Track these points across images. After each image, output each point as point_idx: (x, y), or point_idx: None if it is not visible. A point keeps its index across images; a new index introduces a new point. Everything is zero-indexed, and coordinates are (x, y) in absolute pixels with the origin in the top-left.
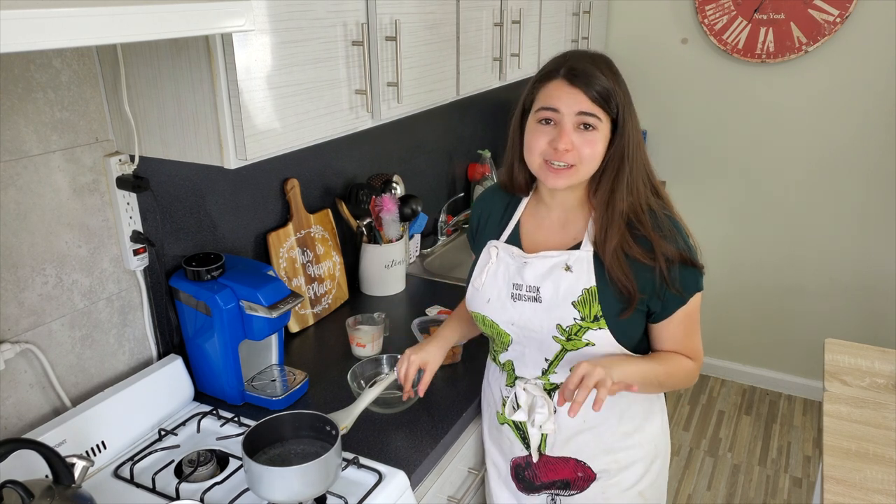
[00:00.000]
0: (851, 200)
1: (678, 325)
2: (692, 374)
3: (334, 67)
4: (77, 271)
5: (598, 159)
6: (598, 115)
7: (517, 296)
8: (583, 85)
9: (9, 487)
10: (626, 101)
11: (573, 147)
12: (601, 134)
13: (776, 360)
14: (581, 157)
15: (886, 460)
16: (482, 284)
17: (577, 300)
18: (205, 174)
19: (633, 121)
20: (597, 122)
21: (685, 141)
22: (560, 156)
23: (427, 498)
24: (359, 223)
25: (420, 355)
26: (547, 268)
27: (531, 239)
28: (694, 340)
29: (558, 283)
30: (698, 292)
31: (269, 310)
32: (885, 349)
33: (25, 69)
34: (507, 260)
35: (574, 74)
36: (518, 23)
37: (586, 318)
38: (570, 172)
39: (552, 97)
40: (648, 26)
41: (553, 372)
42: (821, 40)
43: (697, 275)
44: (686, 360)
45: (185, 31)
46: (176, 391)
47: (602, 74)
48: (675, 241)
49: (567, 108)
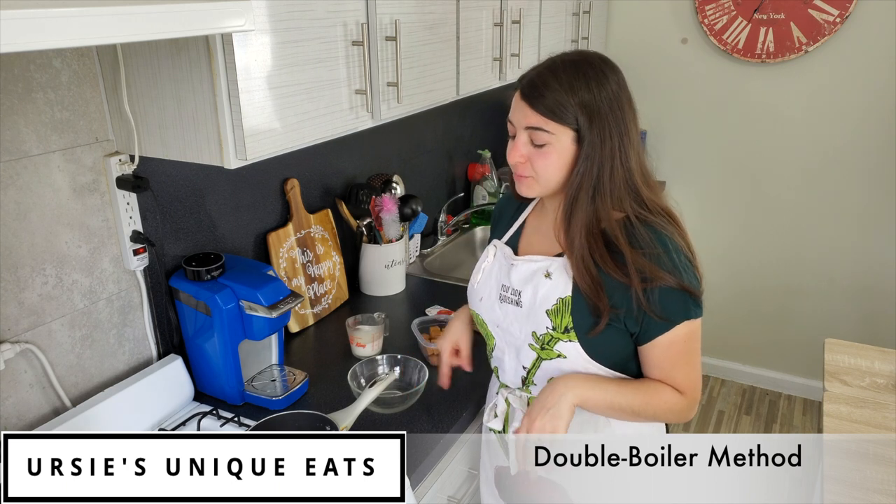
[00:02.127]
0: (851, 200)
1: (663, 353)
2: (679, 409)
3: (334, 67)
4: (77, 271)
5: (558, 171)
6: (549, 129)
7: (504, 297)
8: (530, 99)
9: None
10: (598, 108)
11: (525, 159)
12: (556, 147)
13: (776, 360)
14: (535, 169)
15: (886, 460)
16: (477, 282)
17: (550, 308)
18: (205, 174)
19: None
20: (547, 136)
21: (685, 141)
22: (515, 168)
23: (427, 498)
24: (359, 223)
25: (448, 339)
26: (530, 272)
27: (527, 241)
28: (683, 373)
29: (537, 288)
30: (690, 320)
31: (269, 310)
32: (885, 349)
33: (25, 69)
34: (501, 260)
35: (526, 86)
36: (518, 23)
37: (557, 329)
38: (531, 182)
39: (511, 109)
40: (648, 26)
41: (532, 383)
42: (821, 40)
43: (688, 300)
44: (670, 393)
45: (185, 31)
46: (176, 391)
47: (558, 84)
48: (657, 259)
49: (517, 122)
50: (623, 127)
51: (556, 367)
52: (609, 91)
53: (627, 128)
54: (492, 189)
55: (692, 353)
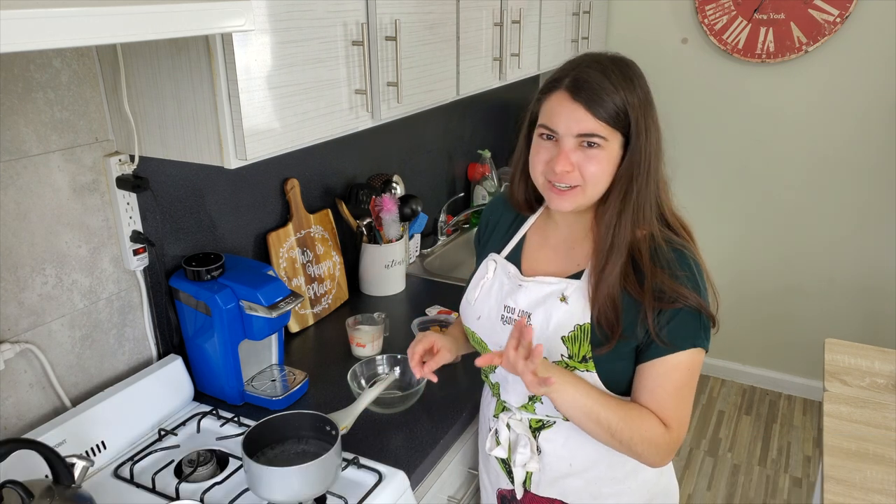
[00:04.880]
0: (851, 200)
1: (661, 377)
2: (659, 443)
3: (334, 67)
4: (77, 271)
5: (607, 178)
6: (604, 134)
7: (507, 319)
8: (585, 101)
9: (9, 487)
10: (643, 112)
11: (574, 168)
12: (608, 152)
13: (776, 360)
14: (585, 177)
15: (886, 460)
16: (475, 299)
17: (567, 335)
18: (205, 174)
19: (649, 135)
20: (602, 141)
21: (684, 141)
22: (560, 177)
23: (427, 498)
24: (359, 223)
25: (428, 338)
26: (542, 295)
27: (532, 258)
28: (674, 404)
29: (550, 313)
30: (695, 349)
31: (269, 310)
32: (885, 349)
33: (25, 69)
34: (503, 279)
35: (577, 87)
36: (518, 23)
37: (574, 357)
38: (575, 193)
39: (553, 113)
40: (648, 26)
41: (539, 400)
42: (821, 40)
43: (698, 327)
44: (654, 423)
45: (185, 31)
46: (176, 391)
47: (612, 85)
48: (682, 280)
49: (566, 126)
50: (658, 133)
51: None
52: (649, 94)
53: (660, 136)
54: (492, 189)
55: (689, 386)
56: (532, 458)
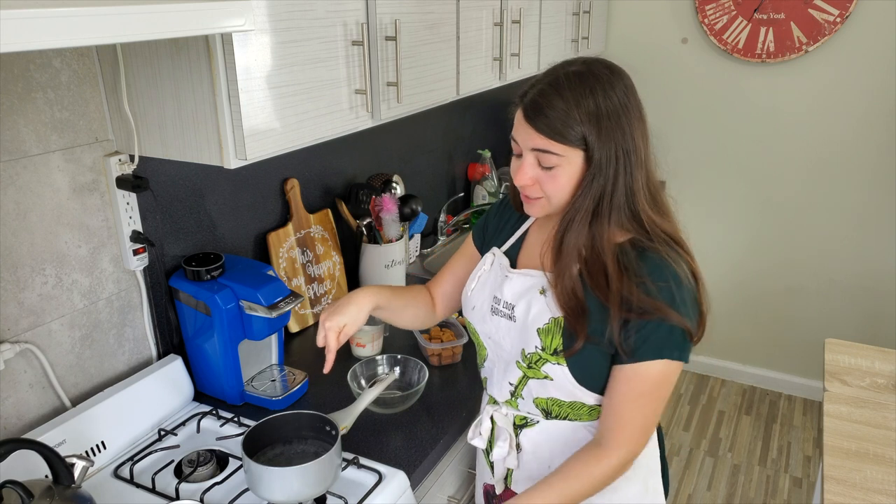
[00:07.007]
0: (851, 200)
1: (621, 383)
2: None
3: (334, 67)
4: (77, 271)
5: (568, 190)
6: (557, 151)
7: (495, 310)
8: (533, 120)
9: (8, 488)
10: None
11: (533, 182)
12: (565, 167)
13: (776, 360)
14: (545, 191)
15: (886, 460)
16: (471, 290)
17: (542, 327)
18: (205, 174)
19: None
20: (556, 158)
21: (684, 141)
22: (523, 189)
23: (427, 498)
24: (359, 223)
25: (335, 320)
26: (525, 287)
27: (527, 253)
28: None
29: (530, 305)
30: (663, 360)
31: (269, 310)
32: (885, 349)
33: (25, 69)
34: (497, 270)
35: (530, 107)
36: (518, 23)
37: (546, 350)
38: (541, 203)
39: (515, 128)
40: (648, 26)
41: (520, 396)
42: (821, 40)
43: (668, 340)
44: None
45: (185, 31)
46: (176, 391)
47: (563, 105)
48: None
49: (522, 142)
50: (631, 143)
51: (542, 386)
52: (615, 103)
53: (635, 144)
54: (492, 189)
55: (653, 397)
56: (510, 454)
